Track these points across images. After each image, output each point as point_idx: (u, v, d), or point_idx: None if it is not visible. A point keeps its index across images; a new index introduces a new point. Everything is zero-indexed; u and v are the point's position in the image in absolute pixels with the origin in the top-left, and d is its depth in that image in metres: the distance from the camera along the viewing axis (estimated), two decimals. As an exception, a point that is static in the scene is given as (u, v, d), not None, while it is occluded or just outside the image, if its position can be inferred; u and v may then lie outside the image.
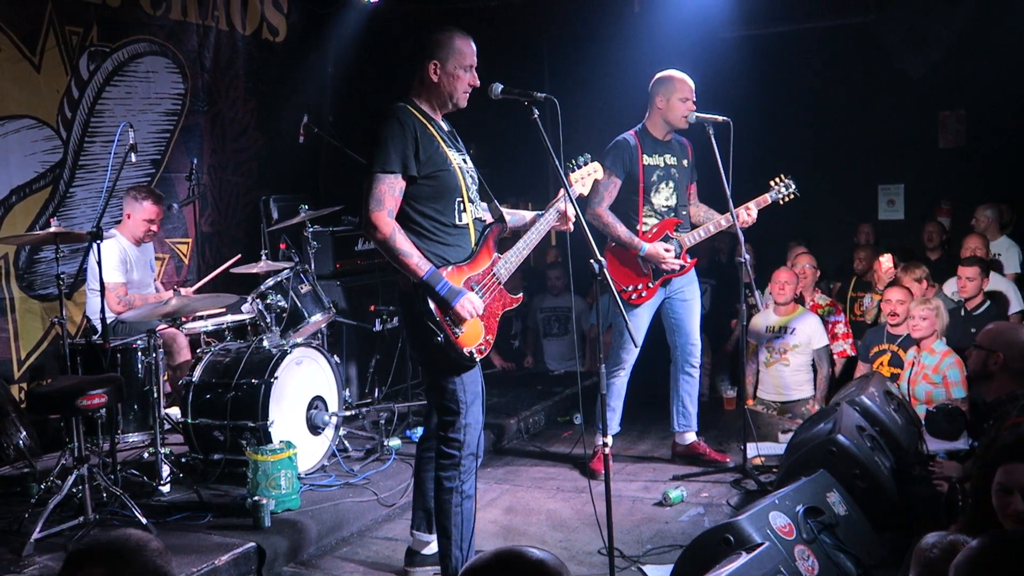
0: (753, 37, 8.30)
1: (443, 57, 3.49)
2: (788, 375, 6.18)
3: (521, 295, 3.77)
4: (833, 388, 6.08)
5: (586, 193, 3.94)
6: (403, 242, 3.39)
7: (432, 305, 3.40)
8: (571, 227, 3.72)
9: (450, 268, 3.47)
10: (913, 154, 8.57)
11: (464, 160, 3.61)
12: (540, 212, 3.79)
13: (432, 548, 3.83)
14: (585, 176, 3.90)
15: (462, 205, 3.54)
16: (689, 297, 5.20)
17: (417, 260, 3.39)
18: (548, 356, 7.67)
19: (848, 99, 8.59)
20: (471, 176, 3.62)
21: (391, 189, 3.38)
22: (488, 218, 3.75)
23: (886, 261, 6.80)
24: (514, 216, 3.85)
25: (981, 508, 3.18)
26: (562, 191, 3.67)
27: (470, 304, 3.44)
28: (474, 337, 3.49)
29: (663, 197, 5.06)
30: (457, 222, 3.53)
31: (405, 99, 3.53)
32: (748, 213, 4.98)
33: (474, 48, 3.57)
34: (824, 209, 8.36)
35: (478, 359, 3.50)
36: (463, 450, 3.51)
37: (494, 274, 3.62)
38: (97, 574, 1.82)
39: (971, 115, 8.43)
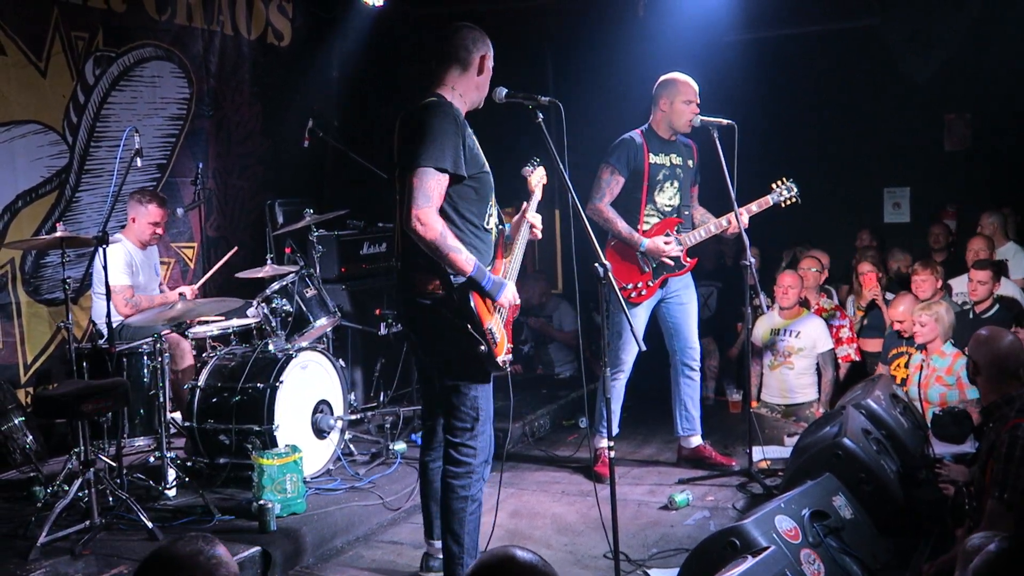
0: (757, 40, 8.29)
1: (489, 55, 3.52)
2: (792, 378, 6.17)
3: (519, 301, 3.75)
4: (838, 392, 6.06)
5: (539, 198, 3.86)
6: (453, 238, 3.30)
7: (475, 310, 3.32)
8: (538, 235, 3.71)
9: None
10: (918, 157, 8.53)
11: None
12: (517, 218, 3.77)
13: None
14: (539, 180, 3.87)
15: (491, 209, 3.52)
16: (686, 300, 5.17)
17: (466, 256, 3.31)
18: (556, 360, 7.66)
19: (853, 102, 8.56)
20: None
21: (439, 186, 3.28)
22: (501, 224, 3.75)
23: (869, 271, 6.62)
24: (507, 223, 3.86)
25: (983, 510, 3.18)
26: (525, 204, 3.69)
27: (512, 294, 3.46)
28: (503, 345, 3.46)
29: (667, 196, 5.05)
30: (486, 226, 3.50)
31: (438, 96, 3.43)
32: (750, 213, 4.97)
33: None
34: (829, 212, 8.33)
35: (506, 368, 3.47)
36: (477, 457, 3.48)
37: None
38: None
39: (977, 118, 8.40)
